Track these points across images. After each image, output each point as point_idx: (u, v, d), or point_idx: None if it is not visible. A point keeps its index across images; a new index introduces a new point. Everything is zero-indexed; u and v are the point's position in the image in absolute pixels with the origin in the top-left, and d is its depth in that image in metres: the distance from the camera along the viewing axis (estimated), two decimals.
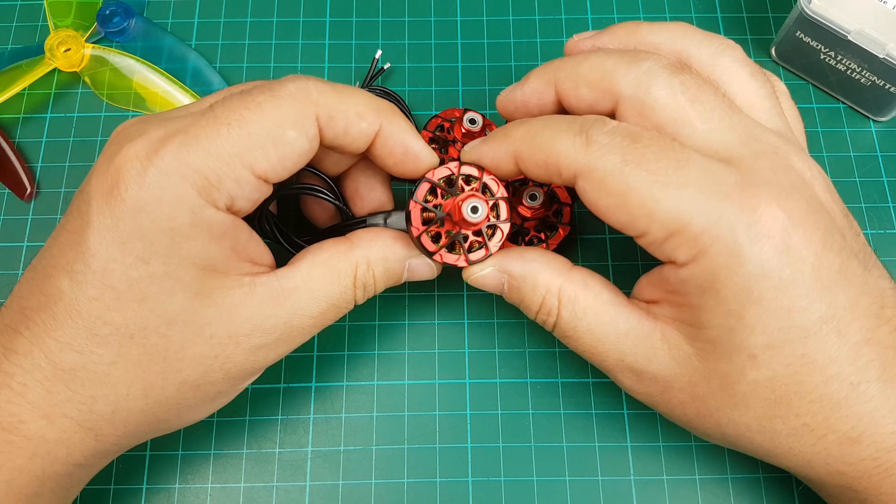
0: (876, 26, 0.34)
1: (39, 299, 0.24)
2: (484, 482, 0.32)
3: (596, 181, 0.24)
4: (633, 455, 0.32)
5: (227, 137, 0.24)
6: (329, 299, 0.26)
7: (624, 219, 0.24)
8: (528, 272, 0.27)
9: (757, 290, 0.23)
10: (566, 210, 0.33)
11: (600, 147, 0.24)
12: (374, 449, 0.32)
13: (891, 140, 0.38)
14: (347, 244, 0.27)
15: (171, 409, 0.25)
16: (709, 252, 0.23)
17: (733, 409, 0.25)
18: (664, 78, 0.25)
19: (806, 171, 0.24)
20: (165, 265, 0.23)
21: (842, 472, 0.25)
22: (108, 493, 0.31)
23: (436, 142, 0.35)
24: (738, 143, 0.24)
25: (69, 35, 0.38)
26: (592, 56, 0.26)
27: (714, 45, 0.27)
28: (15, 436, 0.23)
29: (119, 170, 0.23)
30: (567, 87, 0.27)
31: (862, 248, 0.25)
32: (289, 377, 0.33)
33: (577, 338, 0.27)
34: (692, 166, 0.23)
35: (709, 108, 0.24)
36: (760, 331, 0.23)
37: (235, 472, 0.32)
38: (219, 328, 0.25)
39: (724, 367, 0.24)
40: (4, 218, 0.36)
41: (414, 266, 0.28)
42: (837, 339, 0.23)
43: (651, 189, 0.23)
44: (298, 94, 0.25)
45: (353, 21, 0.41)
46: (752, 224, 0.22)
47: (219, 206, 0.24)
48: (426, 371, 0.33)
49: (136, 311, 0.24)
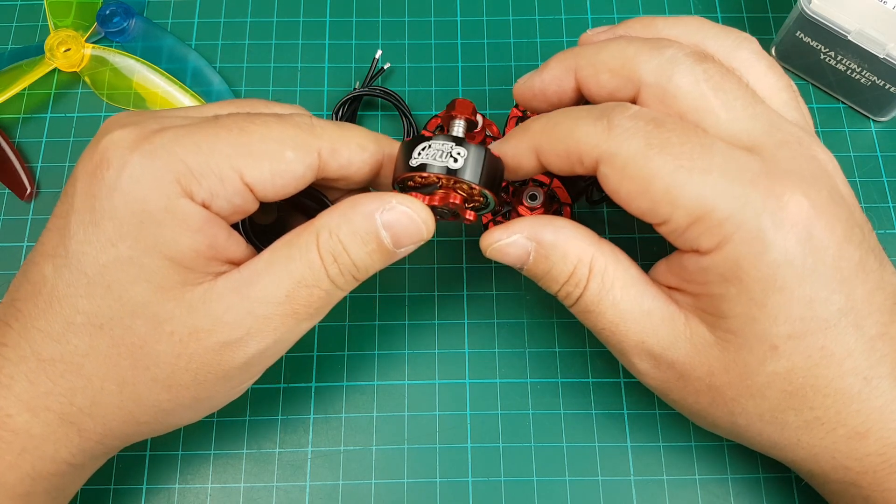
0: (876, 26, 0.34)
1: (27, 288, 0.24)
2: (484, 482, 0.32)
3: (618, 166, 0.23)
4: (633, 455, 0.32)
5: (224, 140, 0.23)
6: (293, 277, 0.24)
7: (646, 205, 0.23)
8: (559, 240, 0.25)
9: (781, 278, 0.22)
10: (566, 210, 0.33)
11: (623, 131, 0.23)
12: (374, 449, 0.32)
13: (891, 140, 0.38)
14: (309, 221, 0.25)
15: (147, 410, 0.25)
16: (733, 239, 0.22)
17: (749, 399, 0.24)
18: (687, 66, 0.24)
19: (828, 163, 0.24)
20: (132, 249, 0.23)
21: (847, 468, 0.24)
22: (108, 493, 0.31)
23: None
24: (762, 132, 0.24)
25: (69, 35, 0.38)
26: (614, 43, 0.26)
27: (731, 38, 0.26)
28: (3, 431, 0.23)
29: (105, 151, 0.23)
30: (587, 73, 0.26)
31: (877, 244, 0.25)
32: (289, 377, 0.33)
33: (600, 312, 0.26)
34: (716, 152, 0.23)
35: (732, 97, 0.24)
36: (783, 320, 0.23)
37: (235, 472, 0.32)
38: (178, 324, 0.24)
39: (744, 358, 0.24)
40: (4, 218, 0.36)
41: (391, 221, 0.24)
42: (855, 332, 0.23)
43: (675, 174, 0.23)
44: (304, 125, 0.25)
45: (353, 21, 0.41)
46: (776, 211, 0.22)
47: (195, 199, 0.23)
48: (426, 371, 0.33)
49: (103, 298, 0.23)
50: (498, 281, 0.35)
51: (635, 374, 0.27)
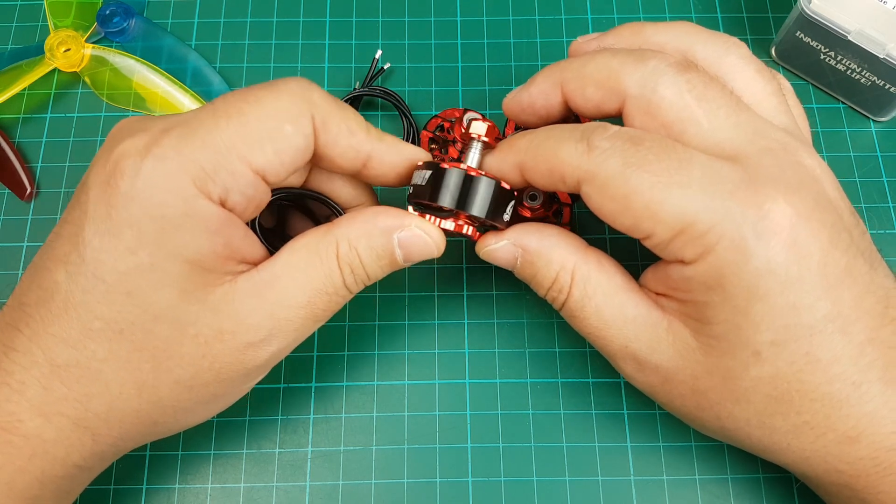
0: (876, 26, 0.34)
1: (38, 294, 0.24)
2: (484, 482, 0.32)
3: (599, 186, 0.24)
4: (633, 455, 0.32)
5: (224, 129, 0.24)
6: (314, 285, 0.25)
7: (629, 222, 0.24)
8: (543, 247, 0.27)
9: (763, 286, 0.23)
10: (566, 210, 0.33)
11: (602, 152, 0.24)
12: (374, 449, 0.32)
13: (891, 140, 0.38)
14: (328, 226, 0.26)
15: (166, 411, 0.25)
16: (715, 249, 0.23)
17: (734, 404, 0.25)
18: (670, 76, 0.25)
19: (815, 168, 0.25)
20: (152, 256, 0.23)
21: (840, 471, 0.25)
22: (108, 493, 0.31)
23: (436, 142, 0.35)
24: (745, 140, 0.24)
25: (69, 35, 0.38)
26: (598, 56, 0.26)
27: (719, 43, 0.27)
28: (14, 435, 0.23)
29: (118, 160, 0.23)
30: (573, 87, 0.27)
31: (868, 247, 0.25)
32: (289, 377, 0.33)
33: (583, 318, 0.26)
34: (695, 165, 0.23)
35: (715, 106, 0.24)
36: (766, 328, 0.23)
37: (235, 472, 0.32)
38: (203, 326, 0.24)
39: (727, 363, 0.24)
40: (4, 218, 0.36)
41: (406, 240, 0.26)
42: (841, 337, 0.23)
43: (653, 190, 0.23)
44: (298, 91, 0.25)
45: (353, 21, 0.41)
46: (758, 220, 0.22)
47: (212, 197, 0.24)
48: (426, 371, 0.33)
49: (124, 304, 0.23)
50: (498, 281, 0.35)
51: (624, 376, 0.27)
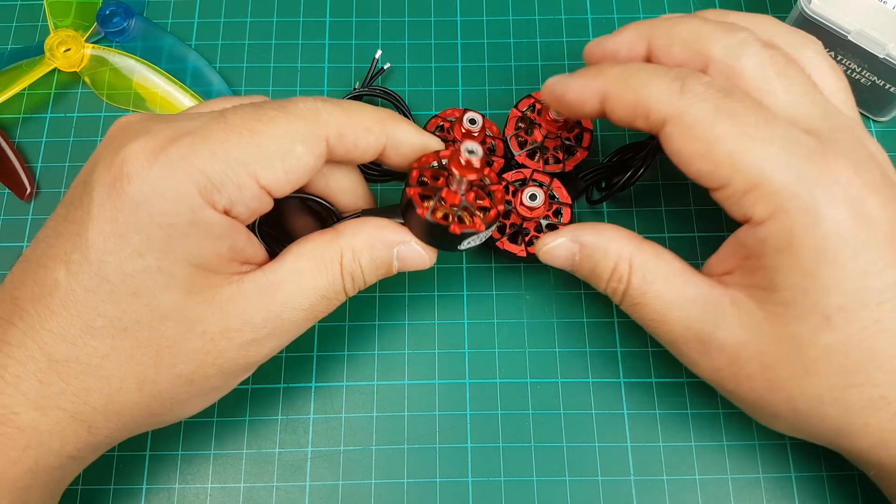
0: (876, 26, 0.34)
1: (33, 290, 0.24)
2: (484, 482, 0.32)
3: (685, 126, 0.24)
4: (633, 455, 0.32)
5: (236, 144, 0.24)
6: (318, 291, 0.26)
7: (707, 167, 0.24)
8: (600, 241, 0.27)
9: (832, 249, 0.23)
10: (566, 210, 0.33)
11: (694, 95, 0.24)
12: (374, 449, 0.32)
13: (891, 140, 0.38)
14: (333, 233, 0.27)
15: (164, 404, 0.25)
16: (787, 209, 0.23)
17: (805, 377, 0.24)
18: (756, 49, 0.26)
19: (878, 153, 0.26)
20: (160, 260, 0.24)
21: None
22: (108, 493, 0.31)
23: None
24: (819, 117, 0.25)
25: (69, 35, 0.38)
26: (690, 18, 0.28)
27: (798, 37, 0.28)
28: (8, 427, 0.23)
29: (124, 163, 0.23)
30: (661, 43, 0.28)
31: None
32: (289, 377, 0.33)
33: (645, 304, 0.27)
34: (778, 126, 0.24)
35: (794, 83, 0.25)
36: (835, 291, 0.23)
37: (235, 472, 0.32)
38: (210, 325, 0.25)
39: (796, 330, 0.24)
40: (4, 218, 0.36)
41: (404, 254, 0.28)
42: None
43: (738, 140, 0.24)
44: (309, 113, 0.25)
45: (353, 21, 0.41)
46: (829, 186, 0.23)
47: (217, 208, 0.24)
48: (426, 371, 0.33)
49: (130, 304, 0.24)
50: (498, 281, 0.35)
51: (688, 365, 0.27)
